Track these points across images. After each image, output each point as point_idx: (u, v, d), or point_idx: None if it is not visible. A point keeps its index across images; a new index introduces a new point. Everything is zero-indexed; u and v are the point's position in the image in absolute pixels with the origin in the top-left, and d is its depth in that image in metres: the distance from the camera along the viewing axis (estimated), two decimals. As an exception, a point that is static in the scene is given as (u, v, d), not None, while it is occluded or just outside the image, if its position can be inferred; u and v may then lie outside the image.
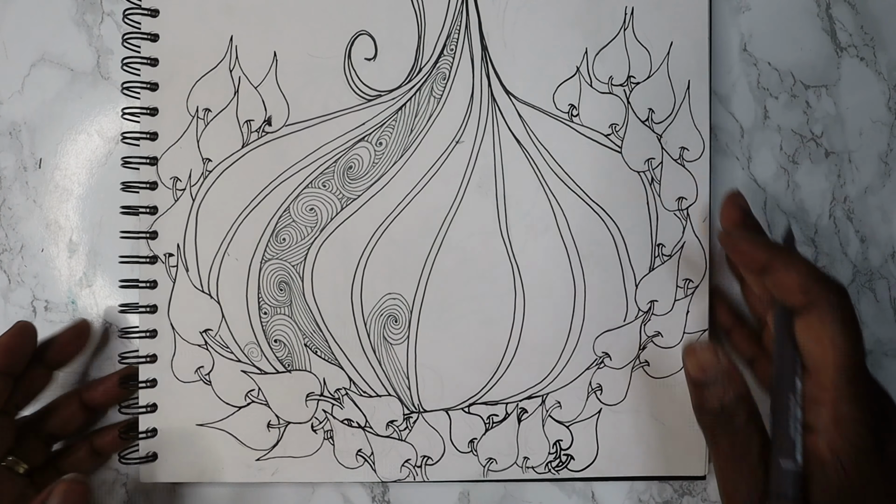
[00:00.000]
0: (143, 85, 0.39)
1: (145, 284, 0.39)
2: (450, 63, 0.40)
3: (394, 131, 0.40)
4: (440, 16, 0.39)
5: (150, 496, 0.41)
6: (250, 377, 0.40)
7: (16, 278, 0.41)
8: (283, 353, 0.40)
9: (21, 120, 0.41)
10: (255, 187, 0.40)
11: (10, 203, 0.41)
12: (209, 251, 0.39)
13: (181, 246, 0.39)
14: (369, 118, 0.40)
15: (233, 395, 0.40)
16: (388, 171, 0.40)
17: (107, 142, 0.41)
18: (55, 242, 0.41)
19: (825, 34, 0.42)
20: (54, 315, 0.41)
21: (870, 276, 0.43)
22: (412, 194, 0.40)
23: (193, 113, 0.39)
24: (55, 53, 0.41)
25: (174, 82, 0.39)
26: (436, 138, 0.40)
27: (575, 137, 0.40)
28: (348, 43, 0.40)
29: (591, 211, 0.40)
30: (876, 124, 0.43)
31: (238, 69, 0.39)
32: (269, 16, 0.39)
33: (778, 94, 0.42)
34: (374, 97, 0.40)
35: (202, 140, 0.39)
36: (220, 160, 0.39)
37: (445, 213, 0.40)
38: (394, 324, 0.40)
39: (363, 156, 0.40)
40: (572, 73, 0.40)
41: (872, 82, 0.42)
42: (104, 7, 0.41)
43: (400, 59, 0.40)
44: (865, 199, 0.43)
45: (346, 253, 0.40)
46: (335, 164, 0.39)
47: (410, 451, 0.40)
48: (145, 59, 0.39)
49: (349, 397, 0.40)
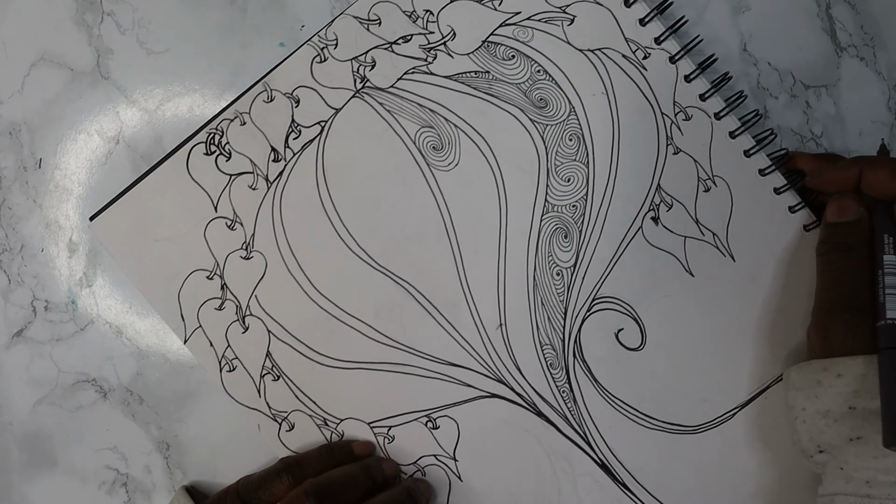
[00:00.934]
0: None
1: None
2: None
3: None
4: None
5: (150, 496, 0.40)
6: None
7: (16, 278, 0.41)
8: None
9: (21, 120, 0.41)
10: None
11: (10, 203, 0.41)
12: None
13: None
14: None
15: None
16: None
17: (107, 142, 0.41)
18: (55, 242, 0.41)
19: (825, 34, 0.42)
20: (54, 315, 0.41)
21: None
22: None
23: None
24: (55, 53, 0.40)
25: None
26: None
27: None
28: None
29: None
30: (876, 124, 0.42)
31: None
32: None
33: (778, 95, 0.42)
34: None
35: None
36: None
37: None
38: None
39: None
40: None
41: (872, 82, 0.42)
42: (104, 7, 0.40)
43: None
44: (869, 197, 0.42)
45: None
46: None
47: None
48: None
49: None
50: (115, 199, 0.39)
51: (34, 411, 0.40)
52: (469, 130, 0.40)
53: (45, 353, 0.40)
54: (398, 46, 0.39)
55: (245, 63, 0.40)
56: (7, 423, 0.41)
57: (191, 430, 0.41)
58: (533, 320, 0.40)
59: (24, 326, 0.40)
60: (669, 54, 0.39)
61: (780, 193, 0.40)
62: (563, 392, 0.40)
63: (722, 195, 0.40)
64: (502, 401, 0.40)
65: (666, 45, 0.39)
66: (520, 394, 0.40)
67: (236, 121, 0.39)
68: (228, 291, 0.39)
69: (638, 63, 0.40)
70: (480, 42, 0.40)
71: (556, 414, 0.40)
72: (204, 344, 0.39)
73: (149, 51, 0.40)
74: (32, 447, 0.41)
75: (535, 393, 0.40)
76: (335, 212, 0.40)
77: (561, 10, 0.39)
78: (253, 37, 0.40)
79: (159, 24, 0.40)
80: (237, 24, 0.40)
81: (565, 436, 0.40)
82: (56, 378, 0.40)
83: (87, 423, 0.41)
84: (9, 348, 0.41)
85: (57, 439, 0.41)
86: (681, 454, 0.40)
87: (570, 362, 0.40)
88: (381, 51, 0.39)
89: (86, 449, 0.41)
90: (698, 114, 0.40)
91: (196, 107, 0.40)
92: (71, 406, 0.41)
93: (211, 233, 0.39)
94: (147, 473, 0.41)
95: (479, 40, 0.40)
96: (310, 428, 0.40)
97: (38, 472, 0.41)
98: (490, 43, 0.40)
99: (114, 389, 0.41)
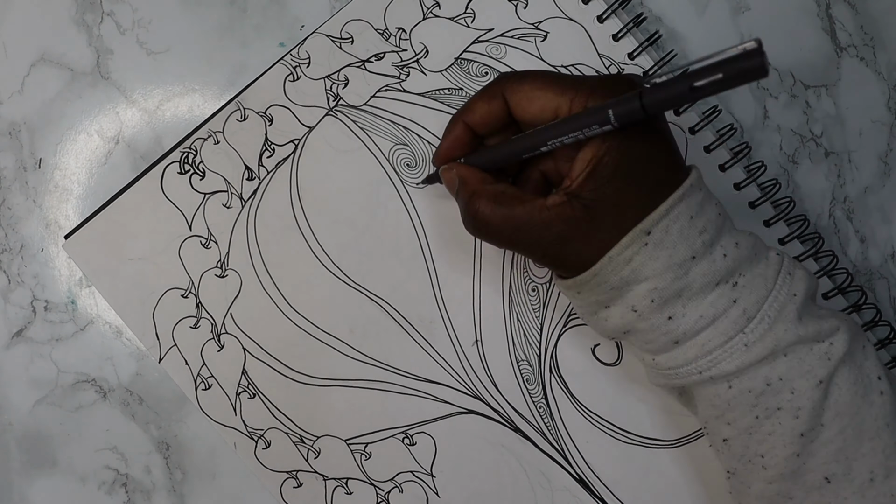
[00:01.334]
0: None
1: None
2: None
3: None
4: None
5: (150, 496, 0.40)
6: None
7: (16, 278, 0.41)
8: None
9: (21, 120, 0.41)
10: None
11: (10, 203, 0.41)
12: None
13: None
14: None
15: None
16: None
17: (107, 142, 0.41)
18: (55, 242, 0.41)
19: (825, 34, 0.42)
20: (54, 315, 0.41)
21: (870, 276, 0.42)
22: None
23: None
24: (55, 53, 0.40)
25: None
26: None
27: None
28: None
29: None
30: (876, 124, 0.42)
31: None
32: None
33: (778, 94, 0.42)
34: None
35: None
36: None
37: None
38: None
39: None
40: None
41: (872, 82, 0.42)
42: (104, 7, 0.40)
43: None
44: (865, 199, 0.42)
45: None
46: None
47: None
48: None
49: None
50: (90, 219, 0.39)
51: (34, 411, 0.40)
52: (443, 147, 0.40)
53: (44, 353, 0.40)
54: (371, 64, 0.39)
55: (245, 63, 0.40)
56: (7, 423, 0.41)
57: (190, 430, 0.40)
58: (509, 336, 0.40)
59: (23, 326, 0.40)
60: (643, 69, 0.39)
61: (756, 207, 0.40)
62: (539, 407, 0.40)
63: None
64: (479, 417, 0.40)
65: (639, 61, 0.39)
66: (496, 409, 0.40)
67: (210, 140, 0.39)
68: (203, 310, 0.39)
69: (612, 78, 0.40)
70: (453, 59, 0.39)
71: (532, 429, 0.40)
72: (179, 362, 0.39)
73: (149, 51, 0.40)
74: (32, 447, 0.41)
75: (512, 409, 0.40)
76: (309, 230, 0.40)
77: (534, 27, 0.39)
78: (253, 37, 0.40)
79: (159, 24, 0.40)
80: (237, 24, 0.40)
81: (542, 451, 0.40)
82: (56, 378, 0.40)
83: (86, 424, 0.41)
84: (9, 348, 0.40)
85: (57, 439, 0.41)
86: (658, 468, 0.40)
87: (546, 378, 0.40)
88: (353, 69, 0.39)
89: (86, 449, 0.41)
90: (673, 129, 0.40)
91: (196, 107, 0.40)
92: (71, 406, 0.41)
93: (185, 251, 0.39)
94: (147, 473, 0.41)
95: (452, 57, 0.39)
96: (286, 445, 0.40)
97: (38, 472, 0.41)
98: (463, 60, 0.39)
99: (114, 389, 0.41)
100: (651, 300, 0.30)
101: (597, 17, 0.39)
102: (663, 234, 0.29)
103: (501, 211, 0.31)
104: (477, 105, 0.34)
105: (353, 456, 0.40)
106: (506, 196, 0.32)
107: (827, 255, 0.40)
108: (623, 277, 0.30)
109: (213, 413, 0.39)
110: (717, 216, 0.31)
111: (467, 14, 0.39)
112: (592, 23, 0.39)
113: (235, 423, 0.39)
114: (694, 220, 0.30)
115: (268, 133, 0.39)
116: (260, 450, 0.40)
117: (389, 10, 0.39)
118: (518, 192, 0.32)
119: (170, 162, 0.39)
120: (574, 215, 0.30)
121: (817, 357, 0.30)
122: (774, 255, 0.32)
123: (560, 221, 0.30)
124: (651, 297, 0.30)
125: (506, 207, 0.31)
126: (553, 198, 0.30)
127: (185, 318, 0.39)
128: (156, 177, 0.39)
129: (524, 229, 0.31)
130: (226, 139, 0.39)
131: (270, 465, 0.40)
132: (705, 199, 0.31)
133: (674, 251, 0.30)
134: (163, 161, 0.39)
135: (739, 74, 0.24)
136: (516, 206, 0.31)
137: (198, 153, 0.39)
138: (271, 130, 0.39)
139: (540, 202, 0.31)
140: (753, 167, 0.40)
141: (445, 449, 0.40)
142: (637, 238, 0.29)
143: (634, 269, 0.30)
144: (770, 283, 0.31)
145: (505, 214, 0.31)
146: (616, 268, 0.30)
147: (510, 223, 0.31)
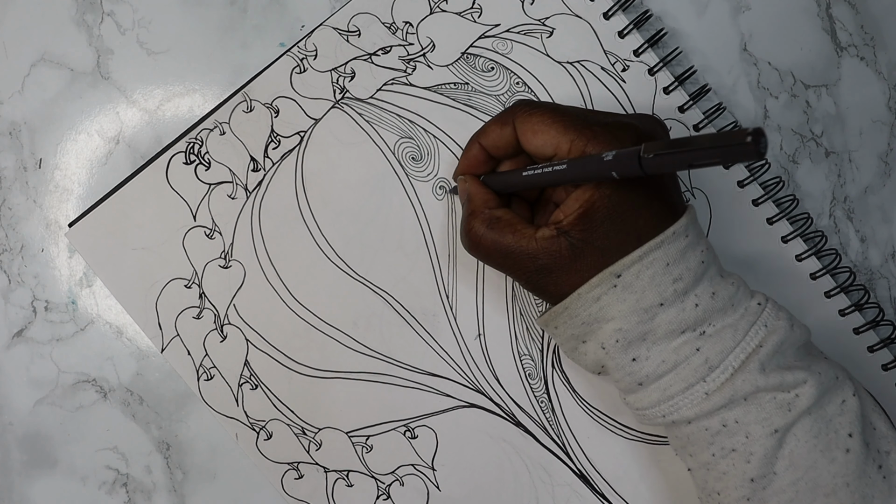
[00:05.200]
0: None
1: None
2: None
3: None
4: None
5: (151, 496, 0.40)
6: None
7: (16, 278, 0.40)
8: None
9: (21, 120, 0.40)
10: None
11: (10, 203, 0.41)
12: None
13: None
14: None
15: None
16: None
17: (107, 142, 0.40)
18: (55, 242, 0.41)
19: (825, 34, 0.42)
20: (54, 315, 0.40)
21: (870, 276, 0.43)
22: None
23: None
24: (55, 53, 0.40)
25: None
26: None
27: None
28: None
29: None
30: (876, 124, 0.42)
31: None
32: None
33: (778, 94, 0.42)
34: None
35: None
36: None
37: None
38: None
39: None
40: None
41: (872, 82, 0.42)
42: (104, 7, 0.40)
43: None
44: (865, 199, 0.43)
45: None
46: None
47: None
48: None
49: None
50: (94, 207, 0.39)
51: (34, 411, 0.40)
52: (448, 141, 0.40)
53: (45, 353, 0.40)
54: (378, 58, 0.40)
55: (245, 63, 0.40)
56: (7, 423, 0.40)
57: (191, 430, 0.40)
58: (512, 330, 0.40)
59: (24, 326, 0.40)
60: (648, 66, 0.40)
61: (759, 205, 0.40)
62: (541, 402, 0.40)
63: (700, 207, 0.40)
64: (481, 410, 0.40)
65: (644, 58, 0.40)
66: (498, 404, 0.40)
67: (216, 130, 0.39)
68: (207, 300, 0.39)
69: (617, 75, 0.40)
70: (460, 54, 0.40)
71: (534, 424, 0.40)
72: (181, 353, 0.39)
73: (149, 51, 0.40)
74: (32, 447, 0.40)
75: (514, 403, 0.40)
76: (314, 221, 0.40)
77: (540, 23, 0.40)
78: (253, 37, 0.40)
79: (159, 24, 0.40)
80: (237, 24, 0.40)
81: (544, 446, 0.40)
82: (56, 378, 0.40)
83: (87, 423, 0.40)
84: (9, 348, 0.40)
85: (57, 439, 0.40)
86: (659, 464, 0.40)
87: (548, 373, 0.40)
88: (360, 62, 0.39)
89: (86, 449, 0.40)
90: (677, 126, 0.40)
91: (196, 107, 0.40)
92: (71, 406, 0.40)
93: (189, 241, 0.39)
94: (147, 473, 0.40)
95: (459, 52, 0.40)
96: (288, 437, 0.40)
97: (38, 472, 0.40)
98: (469, 54, 0.40)
99: (114, 389, 0.40)
100: (616, 340, 0.31)
101: (603, 14, 0.40)
102: (633, 279, 0.30)
103: (492, 235, 0.33)
104: (491, 128, 0.35)
105: (355, 448, 0.40)
106: (500, 223, 0.33)
107: (829, 254, 0.41)
108: (592, 314, 0.31)
109: (215, 404, 0.39)
110: (698, 264, 0.31)
111: (474, 9, 0.40)
112: (598, 19, 0.40)
113: (237, 414, 0.39)
114: (670, 267, 0.30)
115: (274, 125, 0.39)
116: (261, 441, 0.39)
117: (397, 3, 0.39)
118: (514, 220, 0.33)
119: (175, 152, 0.39)
120: (559, 251, 0.31)
121: (777, 406, 0.31)
122: (755, 305, 0.32)
123: (546, 255, 0.32)
124: (616, 338, 0.31)
125: (496, 233, 0.33)
126: (544, 230, 0.32)
127: (187, 309, 0.39)
128: (161, 167, 0.39)
129: (511, 256, 0.33)
130: (232, 130, 0.39)
131: (272, 456, 0.40)
132: (689, 247, 0.31)
133: (642, 296, 0.31)
134: (168, 151, 0.39)
135: (737, 159, 0.24)
136: (507, 234, 0.33)
137: (203, 144, 0.39)
138: (277, 122, 0.39)
139: (530, 232, 0.32)
140: (756, 165, 0.40)
141: (447, 442, 0.40)
142: (606, 279, 0.31)
143: (602, 308, 0.31)
144: (739, 334, 0.31)
145: (495, 239, 0.33)
146: (585, 304, 0.31)
147: (499, 248, 0.33)
